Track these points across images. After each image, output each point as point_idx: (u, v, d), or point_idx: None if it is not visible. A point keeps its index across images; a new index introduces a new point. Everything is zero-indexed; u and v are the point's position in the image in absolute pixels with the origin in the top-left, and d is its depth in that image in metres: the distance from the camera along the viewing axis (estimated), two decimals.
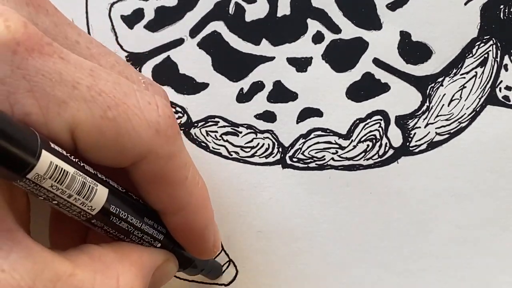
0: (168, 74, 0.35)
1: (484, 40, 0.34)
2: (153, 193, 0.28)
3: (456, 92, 0.34)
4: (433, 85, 0.34)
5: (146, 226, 0.28)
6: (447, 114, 0.34)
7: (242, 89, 0.35)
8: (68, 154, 0.24)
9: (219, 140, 0.35)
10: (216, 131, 0.35)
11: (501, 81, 0.34)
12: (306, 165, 0.35)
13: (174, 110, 0.35)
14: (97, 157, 0.25)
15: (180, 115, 0.35)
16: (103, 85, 0.25)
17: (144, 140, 0.25)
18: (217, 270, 0.35)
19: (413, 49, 0.34)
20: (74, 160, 0.24)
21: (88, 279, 0.24)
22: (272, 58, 0.35)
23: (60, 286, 0.23)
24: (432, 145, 0.35)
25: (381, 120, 0.35)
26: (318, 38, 0.34)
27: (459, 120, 0.34)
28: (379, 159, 0.35)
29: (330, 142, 0.35)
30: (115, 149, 0.25)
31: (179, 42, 0.35)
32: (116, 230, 0.27)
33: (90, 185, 0.25)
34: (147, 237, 0.28)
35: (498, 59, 0.34)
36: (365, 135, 0.35)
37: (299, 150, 0.35)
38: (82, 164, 0.25)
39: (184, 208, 0.28)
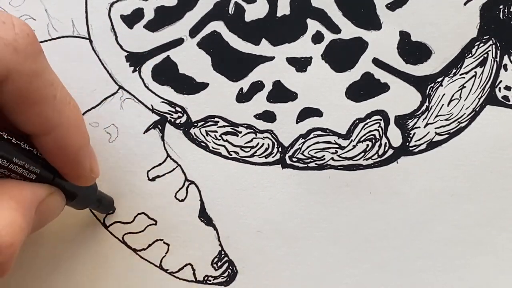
0: (167, 74, 0.35)
1: (483, 40, 0.34)
2: (21, 114, 0.27)
3: (456, 92, 0.34)
4: (432, 85, 0.34)
5: (21, 156, 0.27)
6: (447, 114, 0.35)
7: (241, 89, 0.35)
8: None
9: (219, 140, 0.35)
10: (216, 131, 0.35)
11: (501, 81, 0.34)
12: (306, 165, 0.35)
13: (173, 110, 0.35)
14: None
15: (180, 114, 0.35)
16: None
17: (1, 59, 0.25)
18: (108, 204, 0.35)
19: (412, 49, 0.34)
20: None
21: None
22: (271, 58, 0.35)
23: None
24: (432, 145, 0.35)
25: (380, 120, 0.35)
26: (317, 38, 0.34)
27: (459, 120, 0.34)
28: (379, 159, 0.35)
29: (329, 142, 0.35)
30: None
31: (178, 42, 0.35)
32: None
33: None
34: (25, 168, 0.28)
35: (498, 59, 0.34)
36: (364, 135, 0.35)
37: (299, 150, 0.35)
38: None
39: (55, 128, 0.28)
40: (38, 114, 0.27)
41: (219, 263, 0.36)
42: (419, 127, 0.35)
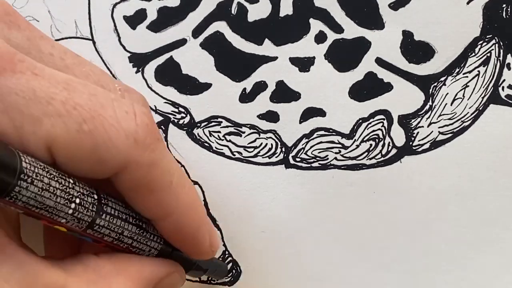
0: (171, 75, 0.35)
1: (486, 39, 0.34)
2: (139, 201, 0.27)
3: (459, 91, 0.34)
4: (435, 84, 0.34)
5: (140, 235, 0.28)
6: (450, 113, 0.34)
7: (245, 89, 0.35)
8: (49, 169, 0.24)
9: (222, 140, 0.35)
10: (219, 131, 0.35)
11: (504, 80, 0.34)
12: (309, 165, 0.35)
13: (177, 110, 0.35)
14: (77, 170, 0.25)
15: (183, 115, 0.35)
16: (78, 98, 0.24)
17: (122, 150, 0.25)
18: (222, 269, 0.35)
19: (415, 49, 0.34)
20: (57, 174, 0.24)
21: None
22: (274, 58, 0.35)
23: None
24: (435, 144, 0.35)
25: (384, 119, 0.35)
26: (320, 38, 0.34)
27: (462, 119, 0.34)
28: (382, 159, 0.35)
29: (333, 142, 0.35)
30: (93, 161, 0.25)
31: (181, 42, 0.35)
32: (111, 241, 0.27)
33: (75, 198, 0.25)
34: (144, 245, 0.28)
35: (501, 58, 0.34)
36: (368, 134, 0.35)
37: (302, 150, 0.35)
38: (65, 178, 0.25)
39: (173, 213, 0.28)
40: (155, 201, 0.27)
41: None
42: (423, 127, 0.35)
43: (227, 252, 0.36)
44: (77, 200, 0.25)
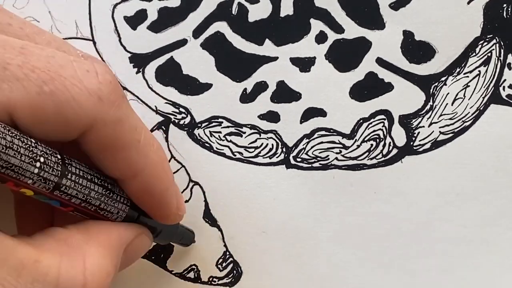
0: (171, 75, 0.35)
1: (487, 39, 0.34)
2: (107, 160, 0.27)
3: (460, 91, 0.34)
4: (436, 84, 0.34)
5: (108, 196, 0.28)
6: (451, 113, 0.34)
7: (245, 89, 0.35)
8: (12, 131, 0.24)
9: (223, 140, 0.35)
10: (220, 132, 0.35)
11: (505, 80, 0.34)
12: (310, 165, 0.35)
13: (177, 110, 0.35)
14: (42, 133, 0.25)
15: (184, 115, 0.35)
16: (35, 61, 0.24)
17: (86, 109, 0.25)
18: (190, 235, 0.35)
19: (416, 49, 0.34)
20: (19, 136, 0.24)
21: (53, 264, 0.24)
22: (275, 58, 0.35)
23: (25, 274, 0.23)
24: (436, 144, 0.35)
25: (384, 119, 0.35)
26: (321, 38, 0.34)
27: (463, 119, 0.34)
28: (383, 159, 0.35)
29: (333, 142, 0.35)
30: (58, 123, 0.25)
31: (182, 42, 0.35)
32: (79, 203, 0.27)
33: (39, 157, 0.24)
34: (112, 207, 0.28)
35: (502, 58, 0.34)
36: (368, 134, 0.35)
37: (303, 150, 0.35)
38: (27, 137, 0.24)
39: (141, 172, 0.28)
40: (123, 159, 0.27)
41: (224, 264, 0.36)
42: (423, 127, 0.35)
43: (227, 253, 0.36)
44: (42, 159, 0.24)
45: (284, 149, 0.35)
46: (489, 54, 0.34)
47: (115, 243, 0.27)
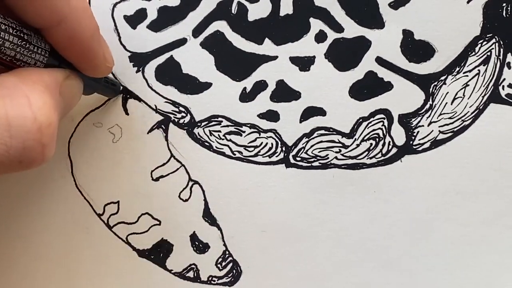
0: (171, 74, 0.35)
1: (486, 38, 0.34)
2: (29, 7, 0.27)
3: (459, 90, 0.34)
4: (436, 83, 0.34)
5: (23, 46, 0.27)
6: (450, 113, 0.34)
7: (245, 88, 0.35)
8: None
9: (223, 139, 0.35)
10: (220, 131, 0.35)
11: (504, 79, 0.34)
12: (310, 164, 0.35)
13: (177, 109, 0.35)
14: None
15: (184, 114, 0.35)
16: None
17: None
18: (114, 87, 0.35)
19: (415, 48, 0.34)
20: None
21: None
22: (275, 58, 0.35)
23: None
24: (436, 143, 0.35)
25: (384, 118, 0.35)
26: (320, 37, 0.34)
27: (462, 118, 0.34)
28: (383, 158, 0.35)
29: (333, 141, 0.35)
30: None
31: (182, 42, 0.35)
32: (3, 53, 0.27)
33: None
34: (28, 57, 0.28)
35: (501, 57, 0.34)
36: (368, 133, 0.35)
37: (303, 149, 0.35)
38: None
39: (64, 18, 0.28)
40: (45, 5, 0.27)
41: (224, 263, 0.36)
42: (423, 126, 0.35)
43: (227, 252, 0.36)
44: None
45: (283, 148, 0.35)
46: (489, 53, 0.34)
47: (49, 82, 0.27)
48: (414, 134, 0.35)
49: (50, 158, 0.27)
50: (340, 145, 0.35)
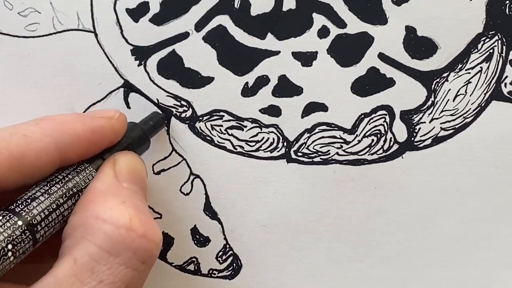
0: (173, 68, 0.35)
1: (489, 35, 0.34)
2: None
3: (461, 87, 0.34)
4: (438, 80, 0.34)
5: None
6: (452, 109, 0.35)
7: (247, 83, 0.35)
8: None
9: (224, 134, 0.35)
10: (221, 125, 0.35)
11: (506, 77, 0.34)
12: (311, 160, 0.35)
13: (179, 103, 0.35)
14: None
15: (185, 108, 0.35)
16: None
17: None
18: (160, 117, 0.35)
19: (418, 44, 0.34)
20: None
21: None
22: (277, 53, 0.35)
23: None
24: (437, 140, 0.35)
25: (386, 115, 0.35)
26: (323, 32, 0.34)
27: (464, 115, 0.34)
28: (384, 154, 0.35)
29: (335, 137, 0.35)
30: None
31: (184, 36, 0.35)
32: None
33: None
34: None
35: (504, 54, 0.34)
36: (370, 129, 0.35)
37: (304, 145, 0.35)
38: None
39: None
40: None
41: (224, 257, 0.36)
42: (425, 122, 0.35)
43: (228, 246, 0.36)
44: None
45: (285, 144, 0.35)
46: (491, 51, 0.34)
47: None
48: (416, 130, 0.35)
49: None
50: (342, 140, 0.35)
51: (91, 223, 0.26)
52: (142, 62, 0.35)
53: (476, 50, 0.34)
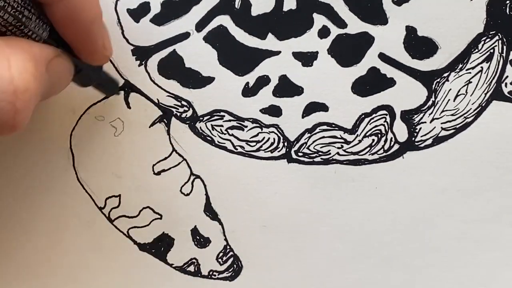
0: (174, 68, 0.35)
1: (490, 35, 0.34)
2: None
3: (462, 87, 0.34)
4: (438, 80, 0.34)
5: (30, 17, 0.27)
6: (453, 109, 0.35)
7: (247, 83, 0.35)
8: None
9: (225, 134, 0.35)
10: (222, 125, 0.35)
11: (507, 76, 0.34)
12: (312, 160, 0.35)
13: (179, 104, 0.35)
14: None
15: (186, 109, 0.35)
16: None
17: None
18: (112, 84, 0.34)
19: (418, 44, 0.34)
20: None
21: None
22: (278, 53, 0.35)
23: None
24: (438, 140, 0.35)
25: (386, 115, 0.35)
26: (324, 32, 0.34)
27: (465, 115, 0.34)
28: (385, 154, 0.35)
29: (335, 137, 0.35)
30: None
31: (185, 36, 0.35)
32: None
33: None
34: (34, 27, 0.27)
35: (504, 54, 0.34)
36: (370, 129, 0.35)
37: (305, 145, 0.35)
38: None
39: None
40: None
41: (224, 258, 0.36)
42: (425, 122, 0.35)
43: (228, 247, 0.36)
44: None
45: (285, 144, 0.35)
46: (492, 51, 0.34)
47: (37, 54, 0.27)
48: (416, 130, 0.35)
49: (22, 129, 0.25)
50: (342, 140, 0.35)
51: None
52: (143, 62, 0.35)
53: (476, 50, 0.34)
